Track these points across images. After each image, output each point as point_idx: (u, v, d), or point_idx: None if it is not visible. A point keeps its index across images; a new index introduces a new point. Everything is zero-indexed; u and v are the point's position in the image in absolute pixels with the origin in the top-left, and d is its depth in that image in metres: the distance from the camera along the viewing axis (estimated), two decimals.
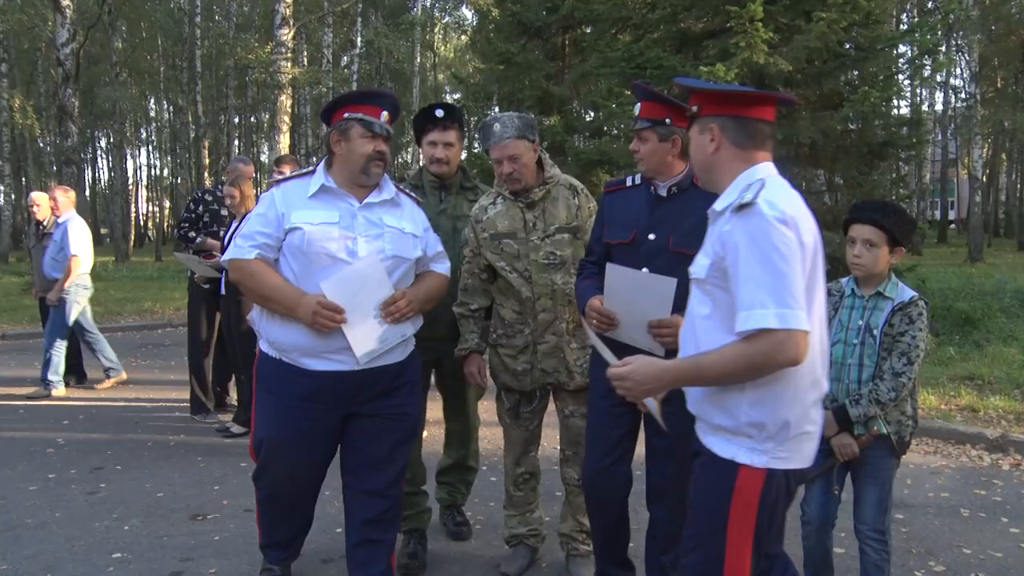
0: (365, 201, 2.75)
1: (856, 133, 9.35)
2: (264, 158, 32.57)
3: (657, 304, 2.63)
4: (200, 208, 6.49)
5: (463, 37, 32.59)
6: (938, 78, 28.54)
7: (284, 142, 15.37)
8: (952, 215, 40.34)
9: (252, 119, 35.47)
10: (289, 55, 16.44)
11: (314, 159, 25.51)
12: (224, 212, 6.21)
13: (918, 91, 30.09)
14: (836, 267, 7.03)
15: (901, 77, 11.99)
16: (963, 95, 29.32)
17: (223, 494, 4.52)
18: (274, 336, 2.72)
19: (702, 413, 2.08)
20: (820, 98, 9.56)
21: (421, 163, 3.67)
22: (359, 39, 25.97)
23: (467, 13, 31.87)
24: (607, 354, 2.34)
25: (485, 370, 3.43)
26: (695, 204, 2.72)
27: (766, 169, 2.05)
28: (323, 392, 2.70)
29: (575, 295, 3.01)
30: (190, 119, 28.08)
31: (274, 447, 2.79)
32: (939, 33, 23.61)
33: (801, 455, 2.01)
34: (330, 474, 3.04)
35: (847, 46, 9.19)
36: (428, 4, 29.99)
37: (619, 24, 10.79)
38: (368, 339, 2.70)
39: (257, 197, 6.38)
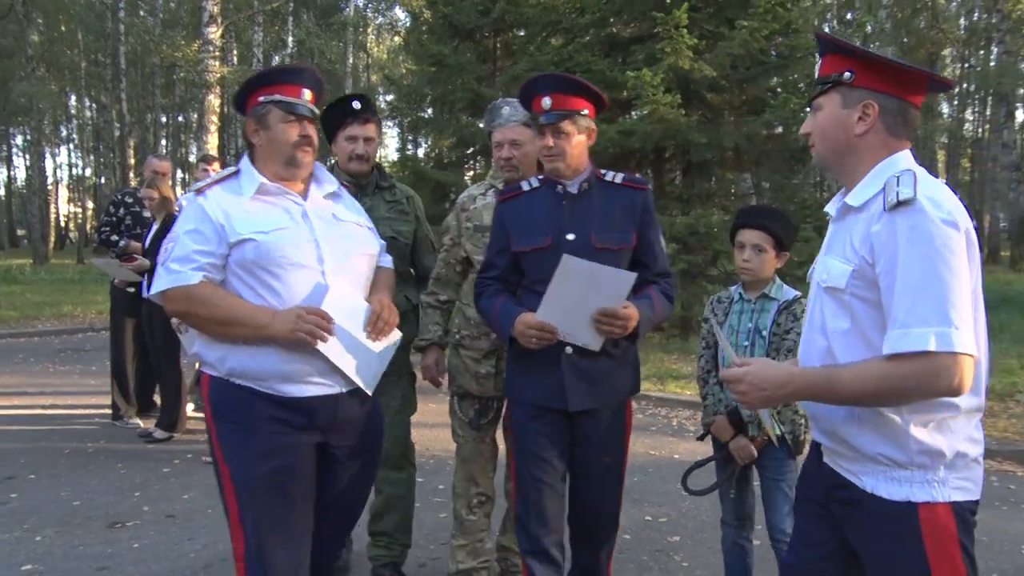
0: (309, 197, 2.36)
1: (778, 138, 9.67)
2: (192, 158, 31.74)
3: (609, 300, 2.48)
4: (121, 211, 6.31)
5: (396, 38, 32.42)
6: None
7: (213, 142, 15.03)
8: None
9: (180, 118, 34.53)
10: (217, 54, 16.09)
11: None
12: (147, 214, 6.06)
13: None
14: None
15: None
16: None
17: (144, 500, 4.41)
18: (240, 365, 2.22)
19: (853, 440, 1.71)
20: (744, 103, 9.87)
21: (332, 162, 3.40)
22: (290, 39, 25.57)
23: (400, 14, 31.74)
24: (728, 350, 2.06)
25: (444, 366, 3.28)
26: (606, 196, 2.67)
27: (908, 159, 1.73)
28: (304, 418, 2.25)
29: (486, 317, 2.74)
30: (114, 117, 27.20)
31: (255, 485, 2.23)
32: (857, 43, 24.52)
33: (979, 483, 1.70)
34: None
35: (771, 53, 9.50)
36: (361, 4, 29.76)
37: (549, 28, 10.92)
38: (370, 364, 2.33)
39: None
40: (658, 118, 8.38)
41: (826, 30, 29.56)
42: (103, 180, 31.38)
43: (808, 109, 1.89)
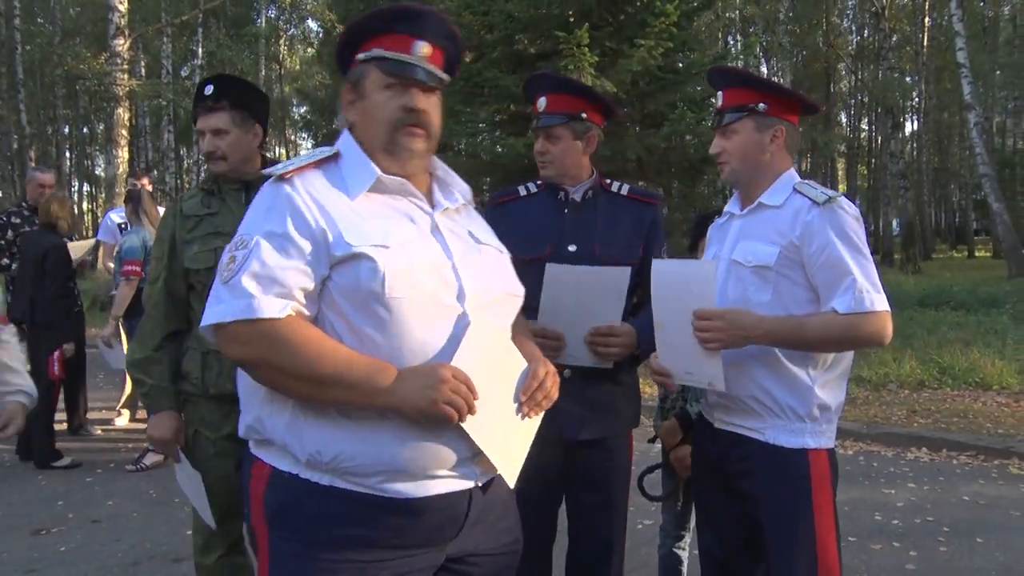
0: (437, 204, 1.66)
1: (678, 149, 10.26)
2: (99, 171, 30.81)
3: (608, 304, 2.25)
4: (9, 233, 5.76)
5: (310, 49, 32.26)
6: None
7: (123, 156, 14.77)
8: None
9: (85, 130, 33.45)
10: (126, 67, 15.83)
11: (154, 172, 24.39)
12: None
13: None
14: None
15: None
16: None
17: (68, 508, 4.52)
18: (334, 450, 1.48)
19: (765, 395, 2.06)
20: (644, 117, 10.42)
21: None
22: (200, 49, 25.20)
23: (313, 25, 31.62)
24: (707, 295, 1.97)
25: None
26: (612, 207, 2.47)
27: (794, 171, 2.19)
28: (422, 532, 1.54)
29: None
30: (12, 128, 26.21)
31: None
32: (759, 56, 25.87)
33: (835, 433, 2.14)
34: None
35: (667, 71, 10.08)
36: (272, 16, 29.55)
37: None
38: (515, 445, 1.64)
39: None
40: None
41: (731, 42, 30.93)
42: (0, 194, 30.15)
43: (712, 127, 2.26)
